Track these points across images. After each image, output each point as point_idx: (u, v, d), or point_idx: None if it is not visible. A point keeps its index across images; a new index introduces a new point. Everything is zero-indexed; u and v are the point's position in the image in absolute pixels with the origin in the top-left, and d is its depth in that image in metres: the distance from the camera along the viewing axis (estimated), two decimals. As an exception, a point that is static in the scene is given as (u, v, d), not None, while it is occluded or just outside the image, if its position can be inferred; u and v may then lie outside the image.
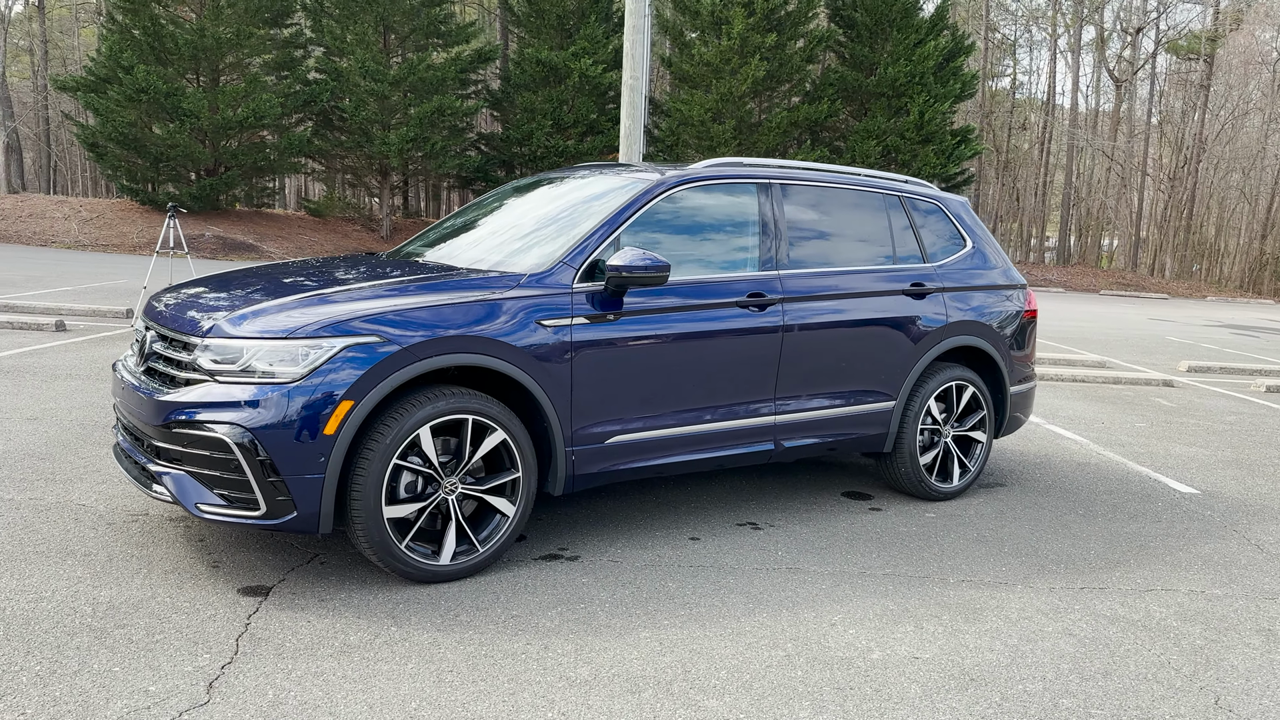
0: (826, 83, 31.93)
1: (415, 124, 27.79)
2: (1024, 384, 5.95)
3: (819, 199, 5.19)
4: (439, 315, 3.84)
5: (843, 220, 5.28)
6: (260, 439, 3.52)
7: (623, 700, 3.05)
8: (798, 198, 5.08)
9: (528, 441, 4.05)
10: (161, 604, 3.55)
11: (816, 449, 5.07)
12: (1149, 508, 5.70)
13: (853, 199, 5.34)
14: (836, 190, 5.28)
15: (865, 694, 3.20)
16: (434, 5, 29.29)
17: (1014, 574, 4.44)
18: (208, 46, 26.30)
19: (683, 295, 4.52)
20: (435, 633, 3.45)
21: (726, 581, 4.12)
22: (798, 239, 5.01)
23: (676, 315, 4.45)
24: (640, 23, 10.34)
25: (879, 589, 4.15)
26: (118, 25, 26.70)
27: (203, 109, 25.79)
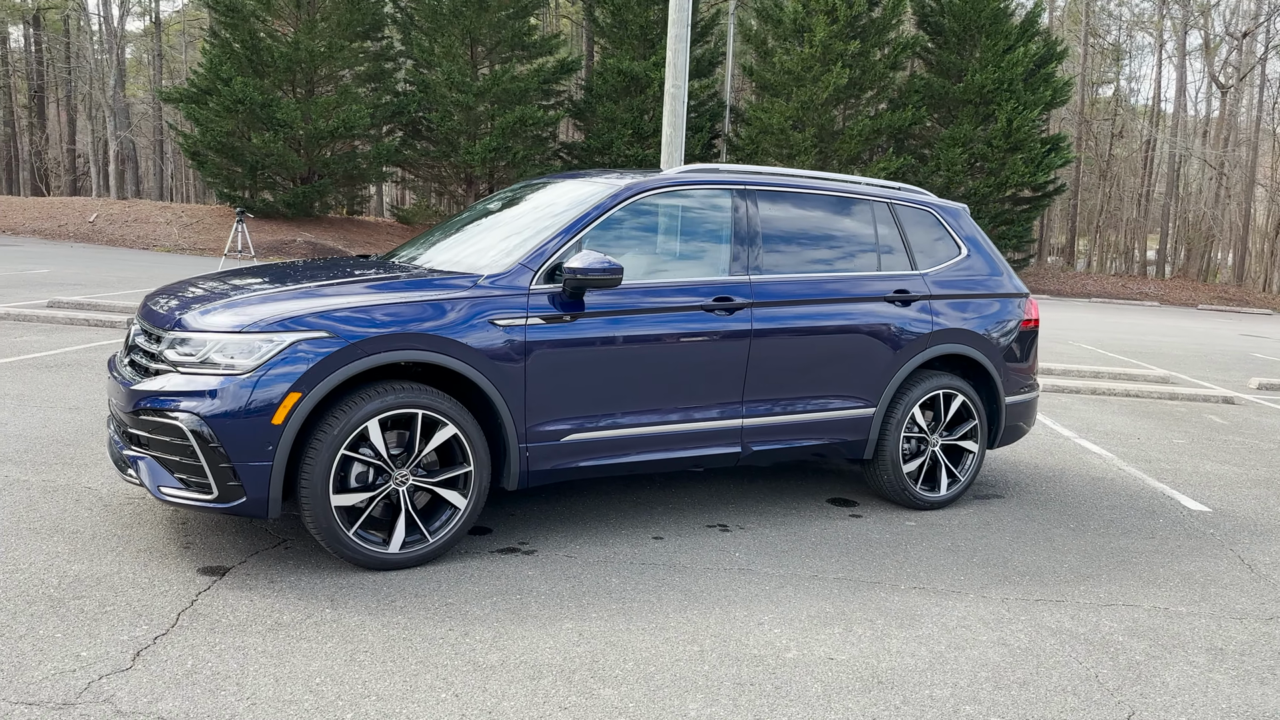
0: (912, 90, 31.46)
1: (498, 134, 28.40)
2: (1023, 394, 5.85)
3: (799, 205, 5.22)
4: (390, 313, 4.02)
5: (823, 227, 5.29)
6: (213, 427, 3.74)
7: (520, 685, 3.16)
8: (775, 204, 5.12)
9: (480, 437, 4.19)
10: (123, 579, 3.80)
11: (790, 453, 5.10)
12: (1147, 524, 5.54)
13: (835, 206, 5.35)
14: (817, 197, 5.30)
15: (764, 690, 3.24)
16: (519, 18, 29.89)
17: (971, 583, 4.39)
18: (302, 59, 27.38)
19: (646, 298, 4.61)
20: (365, 616, 3.61)
21: (672, 579, 4.19)
22: (773, 244, 5.04)
23: (637, 317, 4.55)
24: (682, 31, 10.44)
25: (823, 592, 4.16)
26: (220, 40, 28.00)
27: (297, 119, 26.84)
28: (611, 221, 4.67)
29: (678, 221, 4.98)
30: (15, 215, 28.41)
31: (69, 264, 18.79)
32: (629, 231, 4.78)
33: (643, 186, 4.78)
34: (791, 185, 5.23)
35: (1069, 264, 43.55)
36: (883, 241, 5.43)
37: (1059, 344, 15.35)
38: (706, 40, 33.48)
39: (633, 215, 4.78)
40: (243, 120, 27.04)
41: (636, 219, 4.80)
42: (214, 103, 26.69)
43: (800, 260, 5.15)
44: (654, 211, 4.87)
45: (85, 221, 27.88)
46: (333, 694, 3.03)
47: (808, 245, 5.21)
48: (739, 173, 5.14)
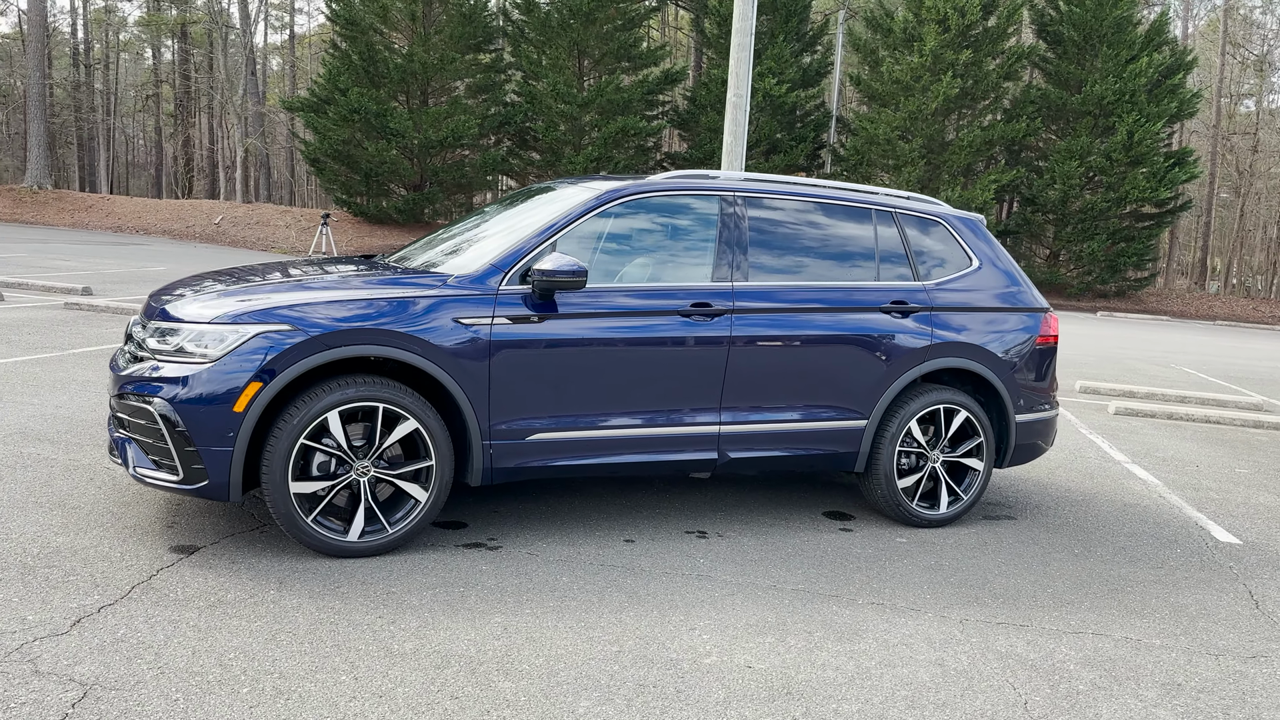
0: (1026, 100, 30.52)
1: (600, 144, 28.78)
2: (1037, 413, 5.63)
3: (792, 214, 5.17)
4: (354, 308, 4.17)
5: (817, 235, 5.22)
6: (179, 412, 3.96)
7: (421, 673, 3.24)
8: (765, 211, 5.08)
9: (443, 432, 4.30)
10: (97, 552, 4.04)
11: (772, 463, 5.04)
12: (1160, 553, 5.26)
13: (831, 215, 5.27)
14: (812, 205, 5.24)
15: (664, 693, 3.23)
16: (626, 30, 30.26)
17: (936, 602, 4.26)
18: (415, 71, 28.37)
19: (621, 301, 4.65)
20: (305, 599, 3.76)
21: (623, 581, 4.21)
22: (761, 252, 5.01)
23: (609, 320, 4.59)
24: (745, 40, 10.40)
25: (773, 602, 4.11)
26: (339, 51, 29.26)
27: (409, 129, 27.81)
28: (590, 225, 4.73)
29: (662, 227, 5.00)
30: (149, 216, 30.27)
31: (186, 263, 19.91)
32: (610, 236, 4.83)
33: (625, 191, 4.82)
34: (785, 193, 5.19)
35: (1198, 285, 41.33)
36: (883, 251, 5.33)
37: (1156, 366, 14.65)
38: (814, 50, 33.21)
39: (614, 220, 4.83)
40: (359, 129, 28.17)
41: (618, 223, 4.85)
42: (332, 112, 27.91)
43: (790, 268, 5.10)
44: (637, 217, 4.91)
45: (211, 223, 29.49)
46: (239, 668, 3.17)
47: (799, 254, 5.15)
48: (730, 179, 5.12)
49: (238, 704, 2.96)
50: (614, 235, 4.85)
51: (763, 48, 30.90)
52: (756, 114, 30.45)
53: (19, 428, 5.90)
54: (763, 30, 31.33)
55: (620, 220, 4.86)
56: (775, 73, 29.85)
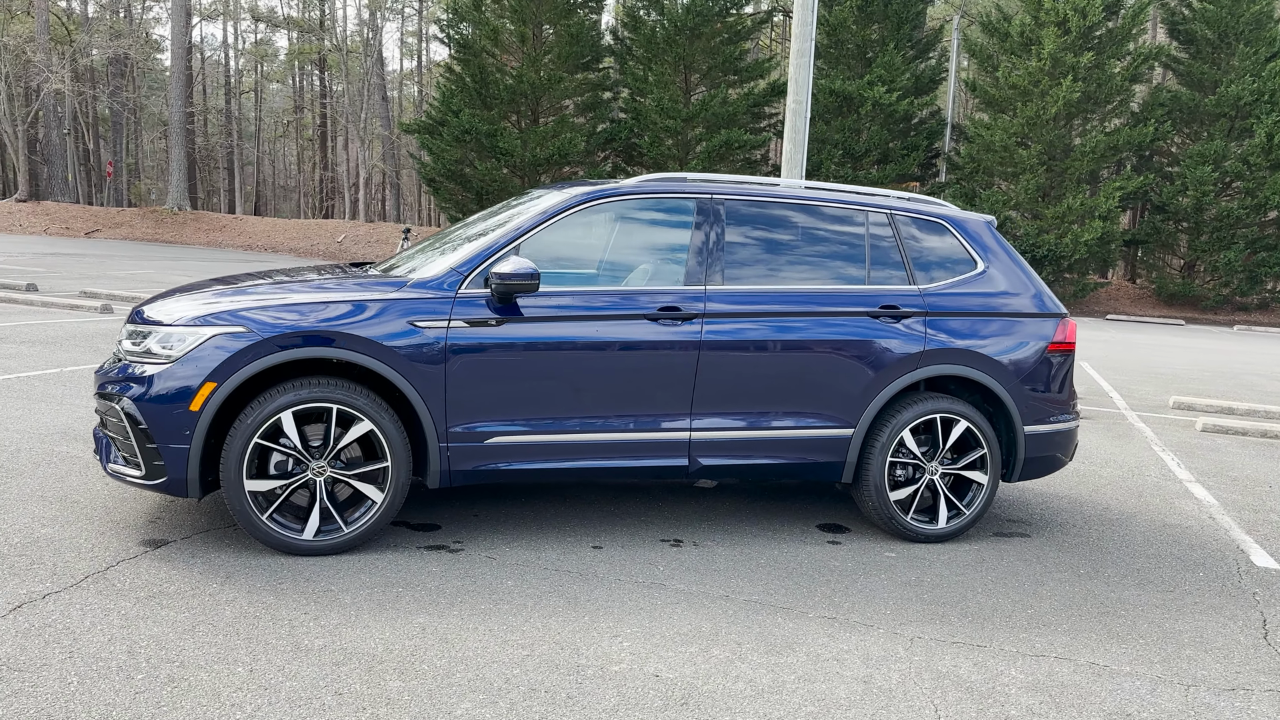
0: (1155, 103, 28.96)
1: (705, 157, 28.77)
2: (1050, 424, 5.30)
3: (773, 217, 5.04)
4: (309, 311, 4.28)
5: (800, 239, 5.07)
6: (141, 410, 4.14)
7: (317, 669, 3.27)
8: (745, 214, 4.97)
9: (399, 434, 4.35)
10: (70, 544, 4.25)
11: (749, 471, 4.91)
12: (1179, 576, 4.87)
13: (816, 217, 5.11)
14: (796, 208, 5.09)
15: (553, 698, 3.18)
16: (732, 44, 30.20)
17: (894, 619, 4.05)
18: (524, 91, 29.00)
19: (587, 305, 4.62)
20: (242, 594, 3.85)
21: (569, 587, 4.16)
22: (738, 255, 4.90)
23: (573, 324, 4.56)
24: (805, 46, 10.21)
25: (718, 612, 3.98)
26: (454, 75, 30.19)
27: (517, 147, 28.44)
28: (557, 229, 4.72)
29: (635, 230, 4.95)
30: (278, 235, 31.88)
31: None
32: (579, 239, 4.82)
33: (595, 195, 4.79)
34: (766, 195, 5.06)
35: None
36: (875, 254, 5.13)
37: (1276, 383, 13.62)
38: (928, 57, 32.41)
39: (586, 224, 4.81)
40: (470, 149, 28.98)
41: (590, 227, 4.83)
42: (445, 133, 28.80)
43: (770, 272, 4.97)
44: (609, 220, 4.87)
45: (334, 241, 30.84)
46: (145, 656, 3.28)
47: (780, 257, 5.01)
48: (708, 182, 5.03)
49: (126, 689, 3.06)
50: (585, 239, 4.83)
51: (873, 56, 30.33)
52: (866, 123, 29.91)
53: (62, 427, 6.27)
54: (873, 38, 30.78)
55: (592, 224, 4.83)
56: (885, 81, 29.21)
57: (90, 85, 47.48)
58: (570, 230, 4.80)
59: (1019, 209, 29.29)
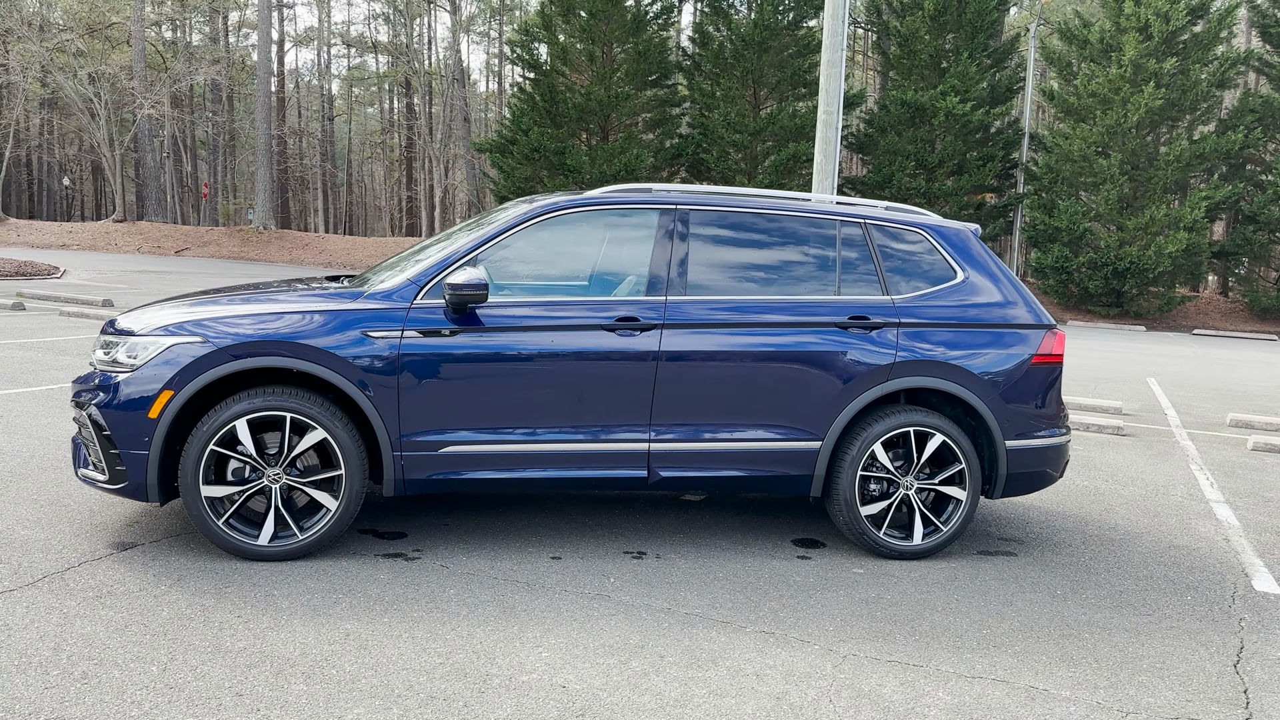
0: (1245, 109, 27.78)
1: (771, 171, 28.62)
2: (1035, 439, 5.11)
3: (739, 227, 4.99)
4: (264, 322, 4.39)
5: (769, 249, 5.01)
6: (105, 416, 4.30)
7: (228, 671, 3.33)
8: (709, 224, 4.93)
9: (353, 442, 4.42)
10: (43, 545, 4.43)
11: (712, 484, 4.85)
12: (1164, 600, 4.64)
13: (784, 227, 5.04)
14: (763, 218, 5.03)
15: (450, 707, 3.18)
16: (800, 56, 30.02)
17: (834, 636, 3.95)
18: (592, 108, 29.28)
19: (544, 315, 4.64)
20: (185, 595, 3.95)
21: (509, 597, 4.16)
22: (701, 266, 4.86)
23: (529, 334, 4.58)
24: (835, 57, 10.07)
25: (652, 625, 3.94)
26: (525, 94, 30.68)
27: (584, 164, 28.71)
28: (521, 240, 4.76)
29: (599, 241, 4.95)
30: (357, 252, 32.76)
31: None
32: (544, 250, 4.84)
33: (558, 206, 4.81)
34: (733, 205, 5.01)
35: None
36: (846, 264, 5.03)
37: (1352, 399, 12.89)
38: (1005, 66, 31.72)
39: (548, 234, 4.83)
40: (540, 167, 29.37)
41: (552, 238, 4.85)
42: (515, 151, 29.26)
43: (734, 283, 4.91)
44: (570, 231, 4.89)
45: (408, 258, 31.54)
46: (68, 653, 3.39)
47: (745, 268, 4.96)
48: (674, 192, 5.01)
49: (37, 683, 3.17)
50: (547, 250, 4.85)
51: (947, 65, 29.81)
52: (939, 134, 29.39)
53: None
54: (947, 48, 30.29)
55: (554, 235, 4.85)
56: (959, 91, 28.69)
57: (189, 110, 49.66)
58: (535, 241, 4.83)
59: (1100, 220, 28.39)
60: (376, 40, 58.42)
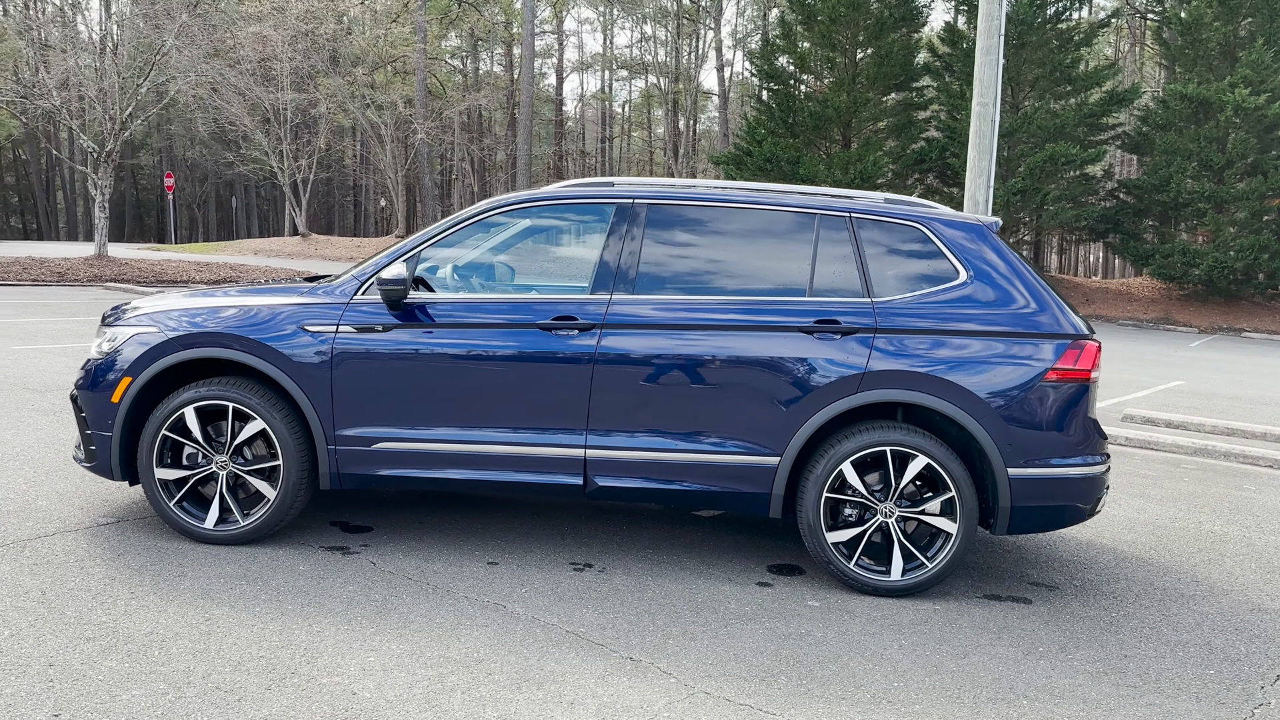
0: None
1: (1024, 175, 26.59)
2: (1049, 467, 4.33)
3: (705, 222, 4.62)
4: (213, 314, 4.59)
5: (735, 245, 4.60)
6: (82, 400, 4.67)
7: (66, 641, 3.47)
8: (670, 220, 4.60)
9: (290, 434, 4.52)
10: (32, 510, 4.83)
11: (654, 496, 4.51)
12: (1184, 672, 3.78)
13: (755, 222, 4.60)
14: (731, 212, 4.62)
15: (227, 699, 3.15)
16: (1062, 51, 27.74)
17: (706, 673, 3.54)
18: (830, 116, 28.58)
19: (480, 313, 4.53)
20: (109, 568, 4.18)
21: (400, 600, 4.05)
22: (659, 263, 4.55)
23: (462, 332, 4.49)
24: (992, 43, 9.09)
25: (513, 640, 3.71)
26: (763, 104, 30.48)
27: (820, 173, 28.07)
28: (469, 236, 4.68)
29: (552, 237, 4.77)
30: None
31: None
32: (491, 247, 4.73)
33: (506, 202, 4.68)
34: (697, 199, 4.65)
35: None
36: (823, 262, 4.51)
37: None
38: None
39: (497, 230, 4.72)
40: (773, 177, 29.04)
41: (502, 234, 4.73)
42: (749, 163, 29.11)
43: (694, 282, 4.56)
44: (528, 226, 4.74)
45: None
46: (-35, 614, 3.69)
47: (708, 265, 4.58)
48: (635, 185, 4.71)
49: (-101, 637, 3.47)
50: (495, 246, 4.73)
51: (1240, 55, 26.41)
52: (1229, 130, 26.08)
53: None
54: (1242, 35, 26.83)
55: (503, 231, 4.73)
56: (1251, 82, 25.29)
57: (477, 135, 53.60)
58: (489, 236, 4.74)
59: None
60: (646, 62, 60.31)
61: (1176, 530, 5.81)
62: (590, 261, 4.60)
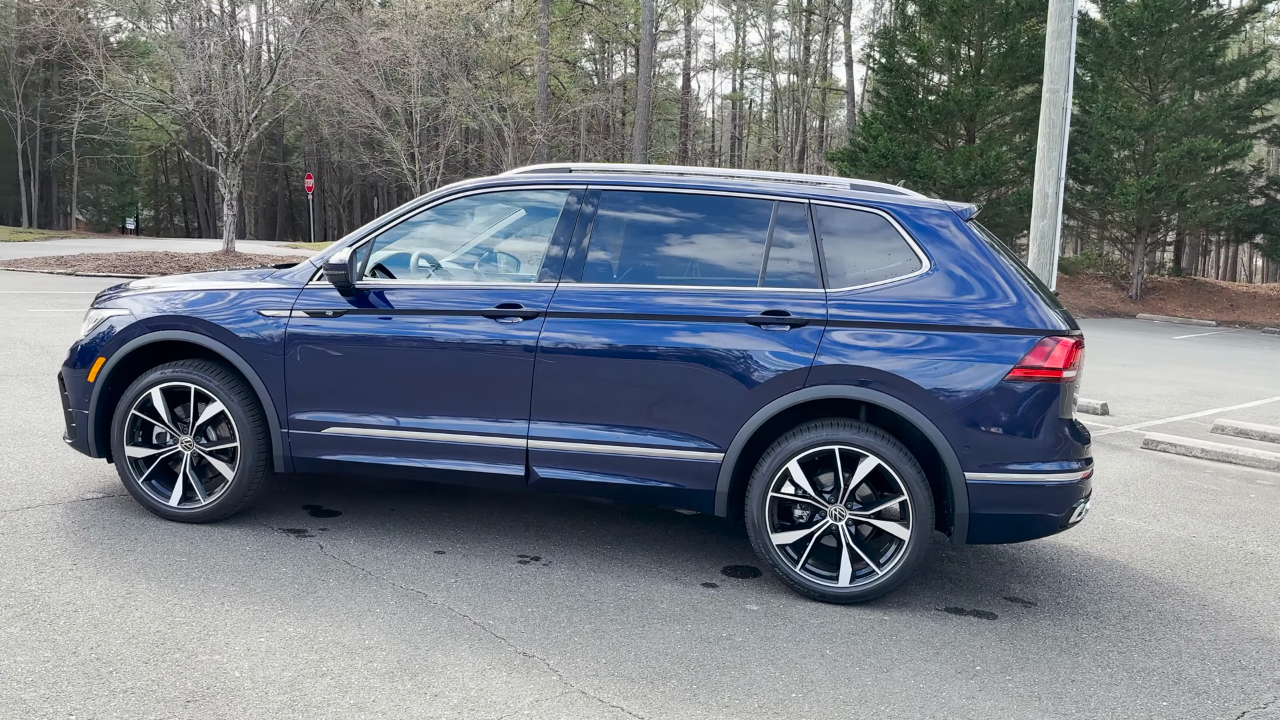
0: None
1: (1160, 172, 25.04)
2: (1012, 473, 4.00)
3: (657, 208, 4.46)
4: (179, 298, 4.71)
5: (688, 233, 4.44)
6: (65, 378, 4.87)
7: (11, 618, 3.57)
8: (620, 206, 4.46)
9: (248, 416, 4.60)
10: (26, 479, 5.07)
11: (599, 490, 4.38)
12: (1135, 703, 3.41)
13: (711, 208, 4.41)
14: (687, 198, 4.45)
15: (94, 670, 3.20)
16: (1204, 39, 25.96)
17: (593, 671, 3.40)
18: (951, 109, 27.60)
19: (430, 300, 4.51)
20: (63, 540, 4.32)
21: (324, 584, 4.04)
22: (610, 251, 4.43)
23: (410, 318, 4.47)
24: (1064, 26, 8.50)
25: (417, 629, 3.66)
26: (881, 99, 29.68)
27: (938, 169, 27.13)
28: (423, 222, 4.66)
29: (506, 224, 4.69)
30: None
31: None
32: (444, 233, 4.70)
33: (463, 188, 4.63)
34: (651, 185, 4.50)
35: None
36: (777, 251, 4.29)
37: None
38: None
39: (450, 217, 4.68)
40: (888, 174, 28.22)
41: (455, 220, 4.69)
42: (864, 160, 28.39)
43: (640, 270, 4.41)
44: (473, 214, 4.69)
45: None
46: (-98, 574, 3.90)
47: (660, 254, 4.44)
48: (592, 172, 4.59)
49: None
50: (448, 232, 4.69)
51: None
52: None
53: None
54: None
55: (456, 217, 4.68)
56: None
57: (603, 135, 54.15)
58: (444, 223, 4.71)
59: None
60: (776, 60, 59.65)
61: (1211, 549, 5.30)
62: (539, 248, 4.51)
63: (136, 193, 61.15)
